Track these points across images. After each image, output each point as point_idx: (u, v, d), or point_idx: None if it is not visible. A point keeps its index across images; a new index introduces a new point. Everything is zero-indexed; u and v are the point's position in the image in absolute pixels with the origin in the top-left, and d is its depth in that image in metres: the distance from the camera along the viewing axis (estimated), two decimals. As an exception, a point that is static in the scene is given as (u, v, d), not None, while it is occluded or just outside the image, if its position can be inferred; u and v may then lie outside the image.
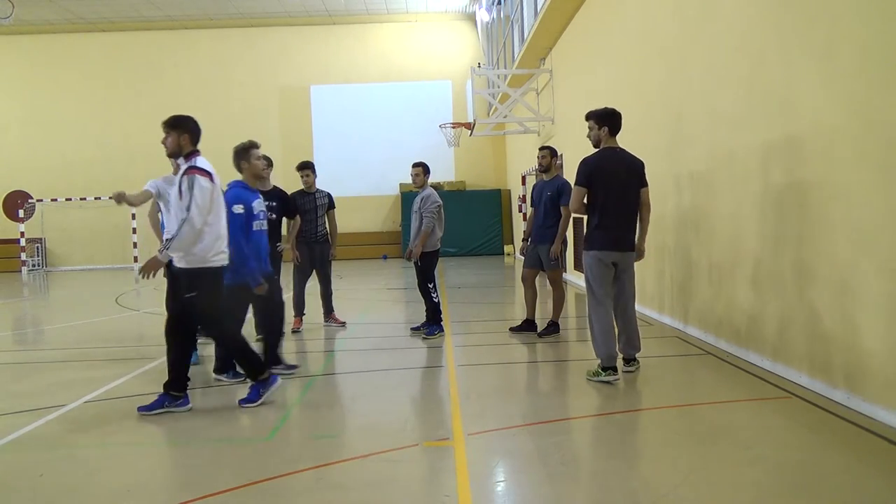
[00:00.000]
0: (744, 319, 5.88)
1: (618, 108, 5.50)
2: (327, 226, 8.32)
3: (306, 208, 8.12)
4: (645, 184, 5.49)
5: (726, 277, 6.24)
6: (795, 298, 5.02)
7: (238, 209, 5.38)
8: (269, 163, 7.96)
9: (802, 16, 4.91)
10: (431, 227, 7.41)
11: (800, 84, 4.93)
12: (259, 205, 5.65)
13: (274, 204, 7.60)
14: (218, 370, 6.00)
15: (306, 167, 8.31)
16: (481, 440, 4.18)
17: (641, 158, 5.59)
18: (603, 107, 5.49)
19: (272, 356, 5.82)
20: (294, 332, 8.00)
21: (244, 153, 5.66)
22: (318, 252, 8.18)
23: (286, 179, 9.33)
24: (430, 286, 7.51)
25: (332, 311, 8.45)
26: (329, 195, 8.41)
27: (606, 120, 5.39)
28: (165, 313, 7.51)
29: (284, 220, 7.74)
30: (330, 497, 3.41)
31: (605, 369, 5.23)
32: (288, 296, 7.06)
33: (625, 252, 5.39)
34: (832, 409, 4.40)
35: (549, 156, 7.46)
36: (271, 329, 6.04)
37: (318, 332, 8.18)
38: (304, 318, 8.25)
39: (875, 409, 4.16)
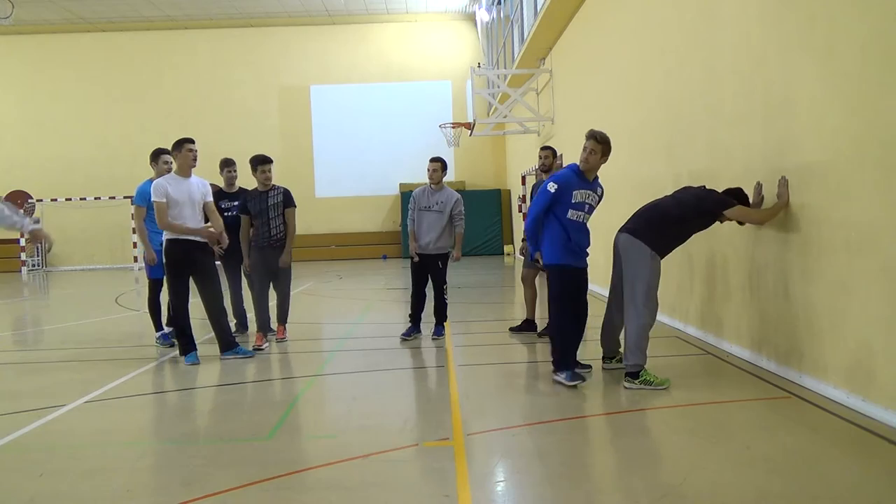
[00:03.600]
0: (743, 319, 5.88)
1: (617, 108, 5.46)
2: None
3: (258, 209, 7.13)
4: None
5: (726, 277, 6.24)
6: (795, 298, 5.02)
7: (552, 186, 5.26)
8: (232, 163, 7.91)
9: (802, 16, 4.90)
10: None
11: (800, 84, 4.93)
12: (583, 195, 5.35)
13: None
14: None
15: (267, 161, 7.20)
16: (481, 440, 4.18)
17: (644, 160, 5.44)
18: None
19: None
20: (256, 349, 6.94)
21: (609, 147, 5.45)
22: (270, 257, 7.19)
23: (285, 178, 9.22)
24: (445, 287, 7.47)
25: (285, 322, 7.48)
26: (285, 191, 7.29)
27: None
28: (165, 313, 7.56)
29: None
30: (330, 497, 3.41)
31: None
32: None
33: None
34: (832, 409, 4.40)
35: (552, 156, 7.48)
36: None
37: (317, 332, 8.16)
38: (268, 335, 7.36)
39: (875, 408, 4.16)
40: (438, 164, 7.38)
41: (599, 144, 5.31)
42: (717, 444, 4.01)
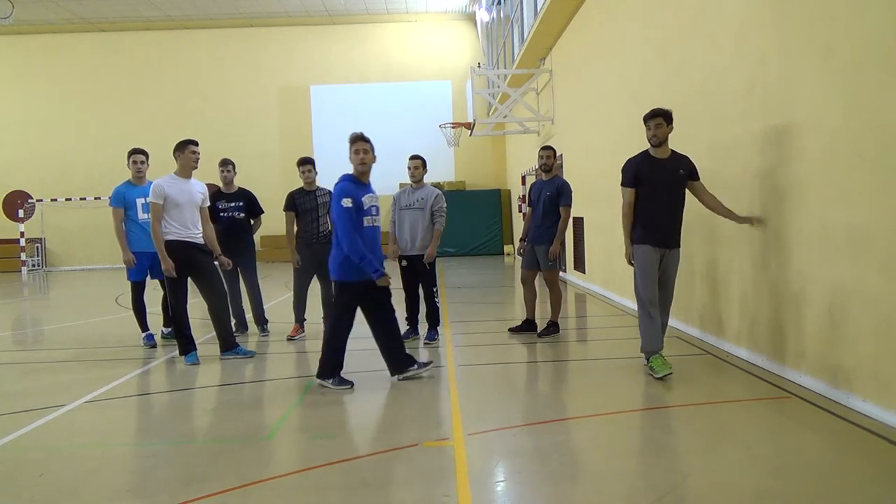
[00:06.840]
0: (744, 319, 5.88)
1: (618, 108, 5.49)
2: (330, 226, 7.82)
3: (306, 207, 7.77)
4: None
5: (726, 277, 6.24)
6: (795, 298, 5.02)
7: (346, 202, 5.30)
8: (228, 163, 8.09)
9: (802, 16, 4.91)
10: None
11: (800, 84, 4.93)
12: (370, 200, 5.47)
13: (241, 204, 7.95)
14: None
15: (307, 162, 7.97)
16: (481, 440, 4.18)
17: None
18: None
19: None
20: (290, 339, 7.64)
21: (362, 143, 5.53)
22: (318, 253, 7.62)
23: (285, 178, 9.20)
24: (435, 290, 7.36)
25: None
26: (331, 193, 8.14)
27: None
28: (162, 314, 7.57)
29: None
30: (330, 497, 3.41)
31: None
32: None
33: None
34: (832, 409, 4.40)
35: (553, 156, 7.49)
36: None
37: (318, 332, 8.14)
38: (304, 324, 7.84)
39: (874, 408, 4.16)
40: (419, 162, 7.36)
41: (367, 143, 5.49)
42: (717, 444, 4.01)
